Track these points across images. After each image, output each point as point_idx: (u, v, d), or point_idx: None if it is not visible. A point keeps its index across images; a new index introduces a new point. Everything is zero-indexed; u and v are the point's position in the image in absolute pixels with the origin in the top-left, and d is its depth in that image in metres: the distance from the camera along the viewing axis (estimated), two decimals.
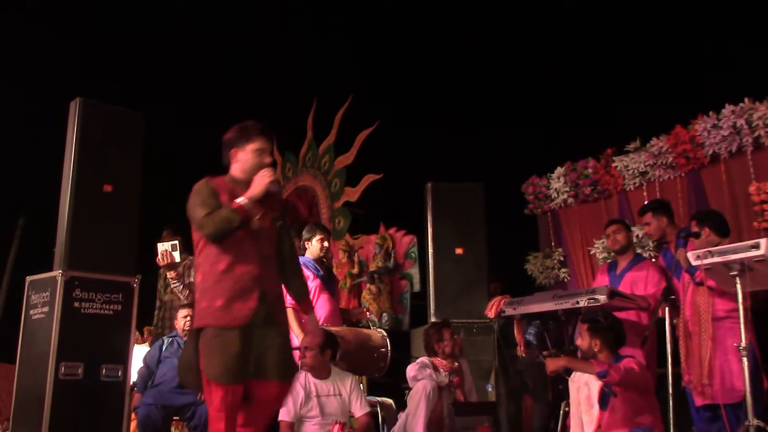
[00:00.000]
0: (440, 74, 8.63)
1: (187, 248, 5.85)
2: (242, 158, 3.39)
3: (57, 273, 4.74)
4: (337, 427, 4.35)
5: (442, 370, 4.93)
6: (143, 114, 5.29)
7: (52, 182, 5.11)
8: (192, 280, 5.75)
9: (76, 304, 4.75)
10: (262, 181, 3.29)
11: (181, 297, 5.71)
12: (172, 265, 5.59)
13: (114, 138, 5.09)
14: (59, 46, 9.25)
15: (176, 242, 5.59)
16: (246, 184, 3.30)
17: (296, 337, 4.88)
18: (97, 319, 4.80)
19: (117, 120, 5.15)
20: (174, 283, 5.69)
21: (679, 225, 5.43)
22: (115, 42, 9.43)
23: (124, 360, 4.89)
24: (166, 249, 5.56)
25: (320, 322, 4.89)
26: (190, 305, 5.38)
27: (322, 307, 5.14)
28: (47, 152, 5.76)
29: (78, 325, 4.72)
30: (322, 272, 5.26)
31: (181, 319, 5.29)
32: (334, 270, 7.43)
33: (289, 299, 5.01)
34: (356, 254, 9.28)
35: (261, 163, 3.36)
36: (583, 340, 4.10)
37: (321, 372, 4.55)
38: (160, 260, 5.56)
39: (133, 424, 5.28)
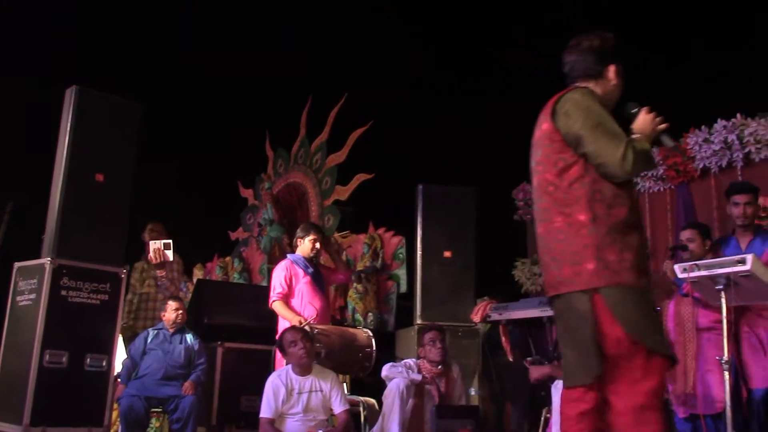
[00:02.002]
0: (436, 76, 8.65)
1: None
2: (609, 77, 2.78)
3: (45, 260, 4.74)
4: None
5: (420, 371, 4.95)
6: (140, 105, 5.29)
7: (44, 169, 5.10)
8: (175, 275, 5.73)
9: (63, 293, 4.75)
10: (653, 125, 2.72)
11: (166, 293, 5.62)
12: (162, 264, 5.54)
13: (108, 128, 5.09)
14: (59, 32, 9.21)
15: (170, 241, 5.55)
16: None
17: (289, 323, 4.92)
18: (83, 309, 4.81)
19: (112, 110, 5.15)
20: (161, 281, 5.63)
21: (667, 237, 5.48)
22: (114, 32, 9.41)
23: (109, 350, 4.90)
24: (159, 247, 5.50)
25: (311, 319, 4.94)
26: (178, 298, 5.40)
27: (312, 304, 5.22)
28: (40, 138, 5.75)
29: (64, 313, 4.72)
30: (311, 270, 5.33)
31: (172, 312, 5.27)
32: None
33: (276, 292, 5.09)
34: (344, 253, 9.29)
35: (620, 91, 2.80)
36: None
37: (304, 368, 4.57)
38: (153, 258, 5.51)
39: (115, 414, 5.28)
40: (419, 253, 6.28)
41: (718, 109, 6.21)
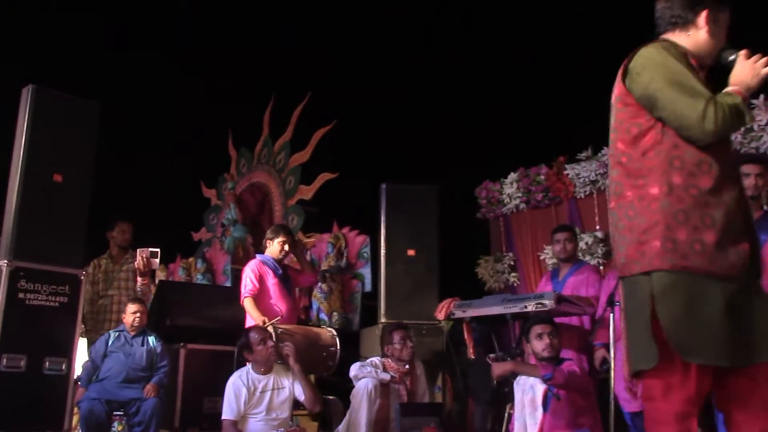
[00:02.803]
0: (399, 76, 8.67)
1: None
2: (700, 26, 2.39)
3: (2, 262, 4.66)
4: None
5: (387, 370, 4.96)
6: (98, 103, 5.22)
7: (0, 169, 5.00)
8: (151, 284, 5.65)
9: (21, 295, 4.68)
10: (753, 71, 2.30)
11: (140, 297, 5.51)
12: (146, 273, 5.45)
13: (67, 127, 5.02)
14: (13, 31, 9.04)
15: (157, 250, 5.47)
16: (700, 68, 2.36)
17: (255, 322, 4.92)
18: (42, 311, 4.74)
19: (70, 109, 5.08)
20: (141, 288, 5.52)
21: None
22: (72, 28, 9.26)
23: (69, 353, 4.83)
24: (146, 256, 5.41)
25: (280, 319, 4.95)
26: (141, 300, 5.34)
27: (279, 305, 5.26)
28: None
29: (22, 316, 4.65)
30: (280, 271, 5.40)
31: (130, 315, 5.21)
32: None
33: (248, 289, 5.08)
34: (309, 252, 9.28)
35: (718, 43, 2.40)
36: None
37: (266, 367, 4.55)
38: (140, 265, 5.41)
39: (76, 419, 5.21)
40: (383, 251, 6.29)
41: None
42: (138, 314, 5.20)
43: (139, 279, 5.50)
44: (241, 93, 10.11)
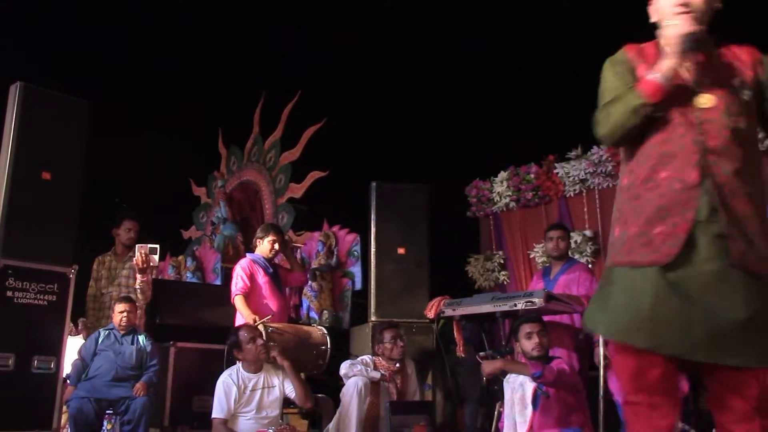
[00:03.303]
0: (389, 74, 8.67)
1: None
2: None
3: None
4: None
5: (377, 368, 4.96)
6: (87, 102, 5.20)
7: None
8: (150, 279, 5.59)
9: (9, 294, 4.66)
10: (674, 32, 2.12)
11: (140, 297, 5.43)
12: (145, 270, 5.34)
13: (55, 125, 4.99)
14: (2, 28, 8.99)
15: (157, 246, 5.35)
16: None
17: (245, 320, 4.92)
18: (30, 310, 4.72)
19: (59, 107, 5.05)
20: (140, 285, 5.40)
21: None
22: (60, 27, 9.21)
23: (57, 352, 4.81)
24: (145, 252, 5.28)
25: (270, 318, 4.95)
26: (129, 299, 5.30)
27: (270, 303, 5.28)
28: None
29: (10, 314, 4.63)
30: (271, 270, 5.41)
31: (117, 314, 5.18)
32: None
33: (239, 287, 5.08)
34: (299, 251, 9.27)
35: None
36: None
37: (256, 366, 4.55)
38: (139, 262, 5.27)
39: (65, 417, 5.18)
40: (373, 250, 6.29)
41: None
42: (125, 313, 5.15)
43: (138, 276, 5.37)
44: (231, 90, 10.07)
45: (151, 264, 5.36)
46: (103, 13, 9.32)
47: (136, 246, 5.36)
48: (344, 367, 4.96)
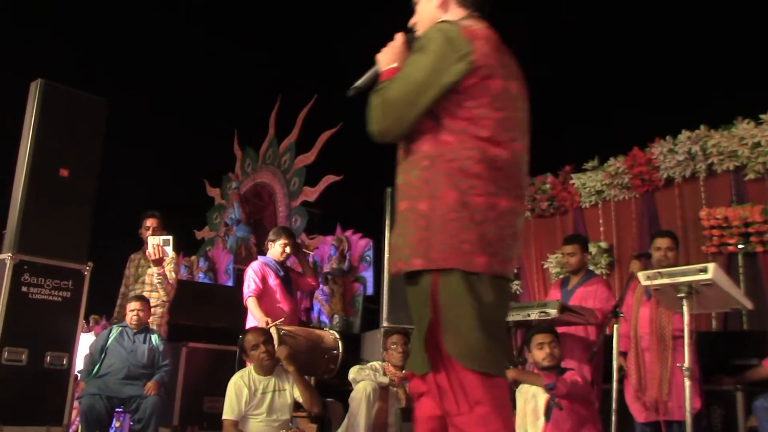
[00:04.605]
0: None
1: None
2: None
3: (6, 256, 4.65)
4: None
5: (386, 374, 4.95)
6: (106, 100, 5.22)
7: (7, 163, 5.01)
8: (173, 275, 5.58)
9: (24, 289, 4.68)
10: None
11: (161, 293, 5.43)
12: (160, 261, 5.33)
13: (74, 122, 5.02)
14: (27, 26, 9.06)
15: (170, 237, 5.36)
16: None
17: (257, 322, 4.92)
18: (44, 306, 4.73)
19: (78, 105, 5.08)
20: (158, 279, 5.37)
21: (631, 245, 5.51)
22: (83, 27, 9.28)
23: (70, 348, 4.82)
24: (158, 244, 5.27)
25: (279, 322, 4.94)
26: (142, 298, 5.30)
27: (281, 306, 5.26)
28: (3, 132, 5.64)
29: (25, 310, 4.64)
30: (282, 273, 5.40)
31: (129, 312, 5.16)
32: None
33: (252, 289, 5.08)
34: (312, 255, 9.27)
35: None
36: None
37: (266, 369, 4.54)
38: (151, 254, 5.27)
39: (75, 413, 5.19)
40: (386, 255, 6.27)
41: (682, 120, 6.31)
42: (136, 312, 5.13)
43: (154, 269, 5.36)
44: (248, 93, 10.11)
45: (165, 256, 5.34)
46: (125, 14, 9.38)
47: (149, 238, 5.36)
48: (353, 372, 4.94)
